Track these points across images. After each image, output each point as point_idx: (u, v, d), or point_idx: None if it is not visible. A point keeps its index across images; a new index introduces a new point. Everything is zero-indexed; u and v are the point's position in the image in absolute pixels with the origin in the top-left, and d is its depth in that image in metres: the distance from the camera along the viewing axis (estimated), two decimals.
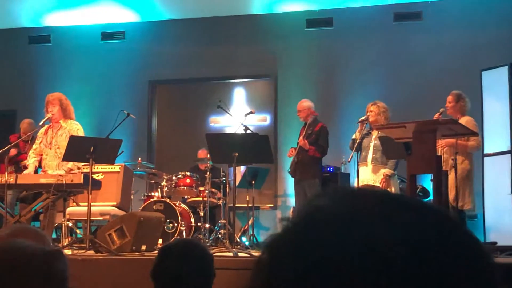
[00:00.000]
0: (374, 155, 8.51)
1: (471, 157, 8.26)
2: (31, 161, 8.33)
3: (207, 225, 9.30)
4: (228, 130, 11.76)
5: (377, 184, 8.43)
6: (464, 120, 8.07)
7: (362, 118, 8.60)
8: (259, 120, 12.39)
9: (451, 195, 7.94)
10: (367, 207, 0.77)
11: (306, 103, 9.63)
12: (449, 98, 8.40)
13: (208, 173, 9.45)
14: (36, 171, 8.32)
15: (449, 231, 0.77)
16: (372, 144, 8.56)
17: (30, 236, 2.72)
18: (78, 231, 8.95)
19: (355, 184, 8.44)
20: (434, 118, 7.68)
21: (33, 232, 2.81)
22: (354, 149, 8.44)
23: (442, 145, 8.04)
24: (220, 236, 9.12)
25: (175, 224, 9.11)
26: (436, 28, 11.78)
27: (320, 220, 0.76)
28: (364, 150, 8.60)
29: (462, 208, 8.08)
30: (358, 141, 8.44)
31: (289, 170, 9.60)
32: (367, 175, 8.54)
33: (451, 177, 7.91)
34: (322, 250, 0.73)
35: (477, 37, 11.42)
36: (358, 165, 8.48)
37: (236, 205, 8.18)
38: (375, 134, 8.56)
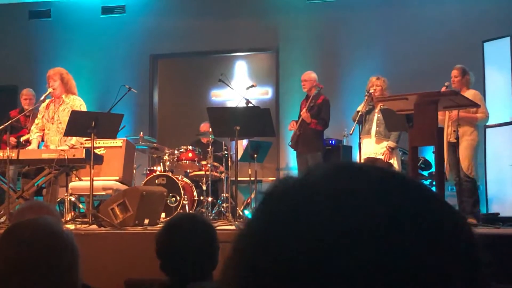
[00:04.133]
0: (377, 128, 8.51)
1: (478, 130, 8.21)
2: (34, 136, 8.31)
3: (209, 199, 9.31)
4: (230, 104, 11.72)
5: (380, 156, 8.44)
6: (471, 94, 8.03)
7: (370, 91, 8.56)
8: (261, 94, 12.36)
9: (464, 165, 7.93)
10: (353, 185, 0.75)
11: (313, 74, 9.58)
12: (454, 72, 8.27)
13: (210, 147, 9.45)
14: (38, 146, 8.33)
15: (433, 206, 0.76)
16: (375, 117, 8.55)
17: (40, 212, 2.76)
18: (80, 205, 8.97)
19: (358, 157, 8.45)
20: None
21: (40, 208, 2.85)
22: (356, 121, 8.41)
23: (452, 118, 8.00)
24: (222, 209, 9.13)
25: (178, 198, 9.13)
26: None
27: (303, 199, 0.75)
28: (367, 123, 8.59)
29: (475, 177, 8.08)
30: (360, 113, 8.41)
31: (290, 144, 9.59)
32: (371, 148, 8.55)
33: (461, 147, 7.91)
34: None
35: (479, 8, 11.34)
36: (360, 137, 8.47)
37: (239, 178, 8.19)
38: (378, 107, 8.55)
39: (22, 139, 9.13)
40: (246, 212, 9.84)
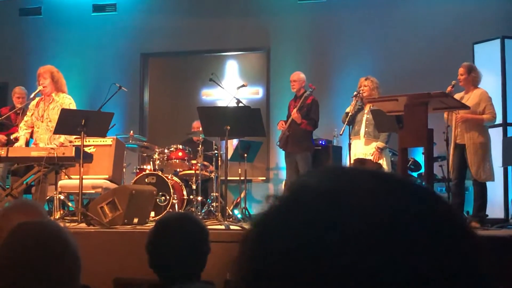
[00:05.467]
0: (366, 129, 8.53)
1: (485, 130, 8.15)
2: (22, 133, 8.28)
3: (199, 198, 9.29)
4: (220, 103, 11.72)
5: (369, 157, 8.45)
6: (479, 92, 8.05)
7: (356, 92, 8.61)
8: (252, 93, 12.36)
9: (473, 170, 7.92)
10: (354, 186, 0.76)
11: (302, 75, 9.62)
12: (461, 70, 8.18)
13: (200, 146, 9.44)
14: (27, 143, 8.29)
15: (435, 208, 0.77)
16: (364, 118, 8.57)
17: (27, 212, 2.74)
18: (70, 204, 8.94)
19: (348, 158, 8.46)
20: (447, 91, 7.53)
21: (27, 207, 2.83)
22: (346, 122, 8.45)
23: (458, 120, 7.97)
24: (212, 209, 9.12)
25: (167, 197, 9.11)
26: (428, 1, 11.73)
27: (306, 199, 0.76)
28: (356, 124, 8.62)
29: (485, 180, 8.05)
30: (350, 114, 8.44)
31: (278, 143, 9.61)
32: (360, 148, 8.56)
33: (470, 153, 7.90)
34: (306, 230, 0.73)
35: (469, 10, 11.38)
36: (350, 138, 8.49)
37: (228, 178, 8.18)
38: (367, 108, 8.56)
39: (12, 136, 9.11)
40: (236, 211, 9.84)
